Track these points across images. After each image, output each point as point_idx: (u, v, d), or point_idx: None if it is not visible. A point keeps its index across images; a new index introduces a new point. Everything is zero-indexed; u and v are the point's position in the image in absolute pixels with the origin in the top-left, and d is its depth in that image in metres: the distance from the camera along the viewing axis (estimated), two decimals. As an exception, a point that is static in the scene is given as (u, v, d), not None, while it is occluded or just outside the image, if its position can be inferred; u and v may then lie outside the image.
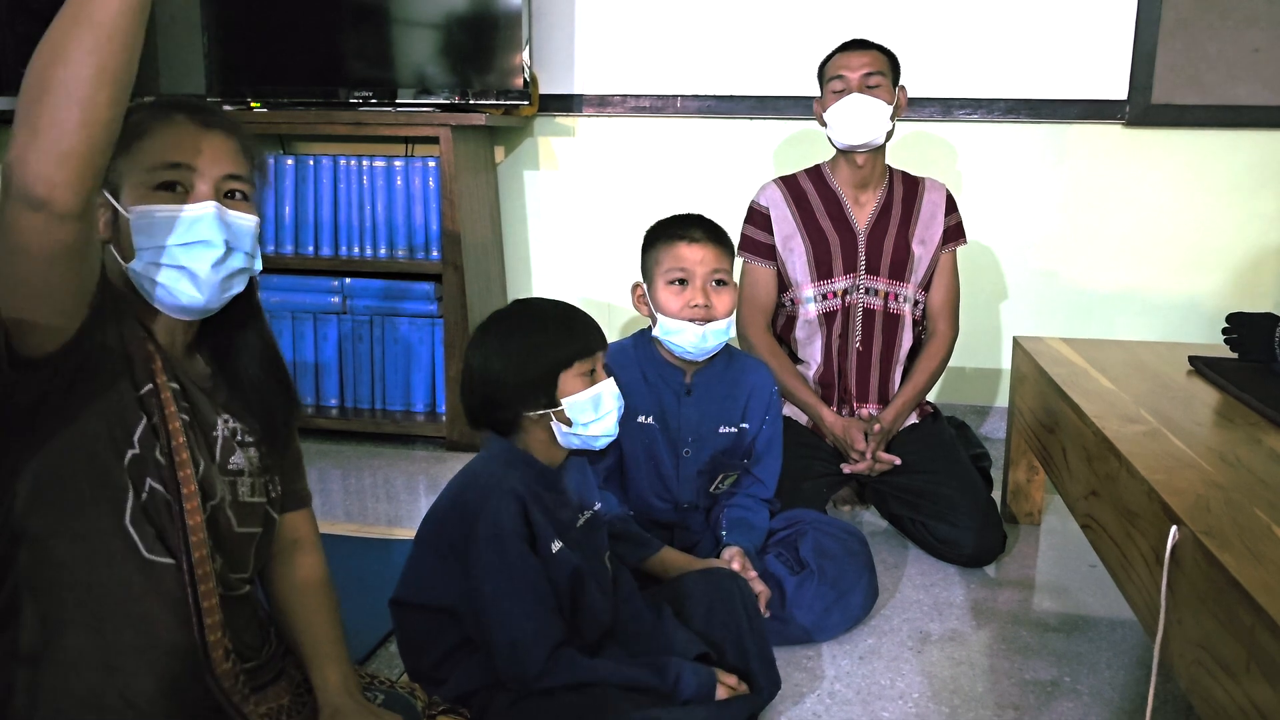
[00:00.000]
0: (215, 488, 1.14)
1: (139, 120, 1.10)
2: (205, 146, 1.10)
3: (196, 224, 1.08)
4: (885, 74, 2.24)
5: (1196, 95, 2.79)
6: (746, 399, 1.94)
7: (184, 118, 1.11)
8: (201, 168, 1.10)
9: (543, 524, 1.41)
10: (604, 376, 1.48)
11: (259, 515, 1.21)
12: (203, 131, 1.11)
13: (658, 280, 1.84)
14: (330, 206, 2.95)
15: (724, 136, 3.04)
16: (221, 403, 1.18)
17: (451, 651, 1.45)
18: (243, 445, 1.19)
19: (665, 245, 1.84)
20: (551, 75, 3.07)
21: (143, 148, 1.09)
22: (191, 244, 1.08)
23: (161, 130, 1.10)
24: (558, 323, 1.47)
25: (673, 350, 1.86)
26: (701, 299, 1.80)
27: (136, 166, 1.09)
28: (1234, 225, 2.87)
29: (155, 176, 1.08)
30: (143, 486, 1.06)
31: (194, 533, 1.08)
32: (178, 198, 1.09)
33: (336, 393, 3.04)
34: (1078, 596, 2.06)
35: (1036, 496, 2.43)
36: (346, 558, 2.12)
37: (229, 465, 1.17)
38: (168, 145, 1.09)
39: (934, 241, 2.35)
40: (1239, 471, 1.45)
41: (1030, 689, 1.71)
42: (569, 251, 3.19)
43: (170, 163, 1.09)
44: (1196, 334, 2.87)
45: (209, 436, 1.15)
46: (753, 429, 1.95)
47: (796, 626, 1.80)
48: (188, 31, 3.11)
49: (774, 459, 1.97)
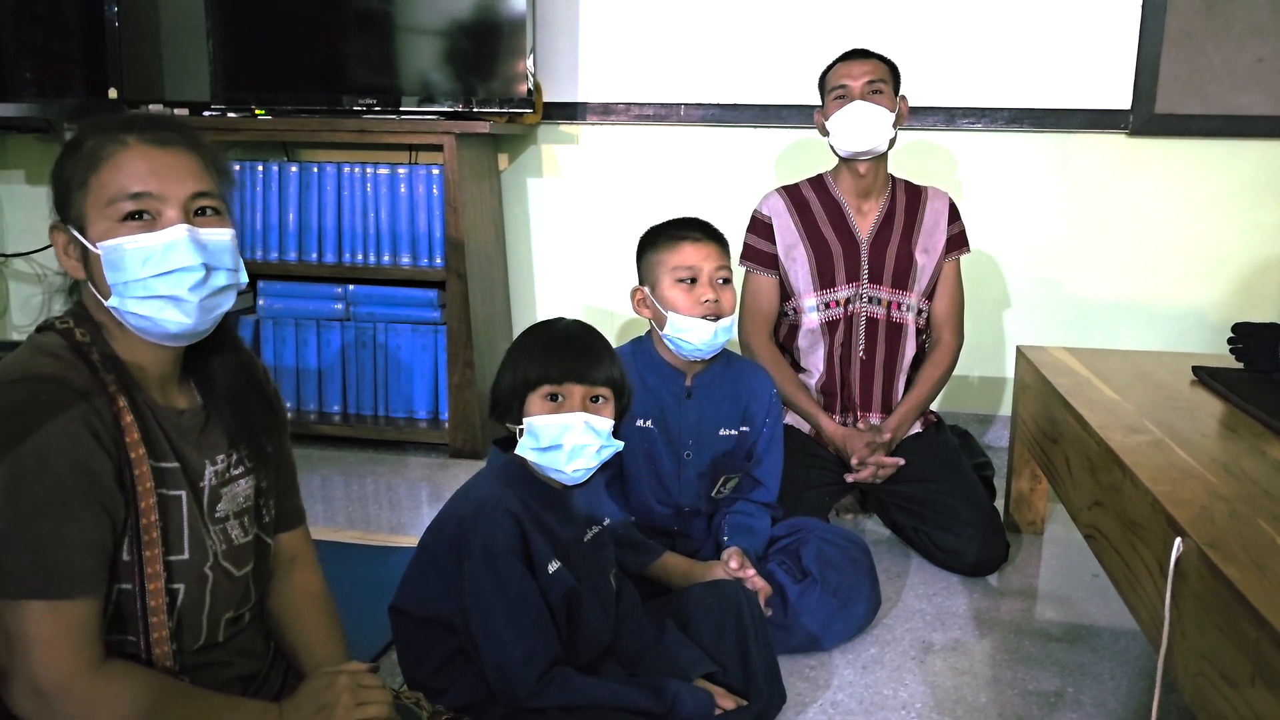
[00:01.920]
0: (206, 549, 1.11)
1: (91, 149, 1.05)
2: (165, 169, 1.05)
3: (170, 251, 1.04)
4: (887, 82, 2.25)
5: (1200, 105, 2.79)
6: (747, 401, 1.94)
7: (135, 139, 1.05)
8: (165, 192, 1.04)
9: (540, 545, 1.40)
10: (574, 408, 1.39)
11: (252, 551, 1.20)
12: (159, 152, 1.05)
13: (663, 280, 1.84)
14: (334, 213, 2.95)
15: (727, 145, 3.05)
16: (210, 441, 1.15)
17: (448, 662, 1.44)
18: (233, 480, 1.17)
19: (669, 246, 1.85)
20: (555, 83, 3.08)
21: (100, 181, 1.04)
22: (169, 273, 1.04)
23: (116, 158, 1.04)
24: (549, 343, 1.43)
25: (680, 350, 1.86)
26: (712, 294, 1.81)
27: (98, 201, 1.04)
28: (1237, 235, 2.87)
29: (119, 209, 1.03)
30: (110, 595, 1.04)
31: (154, 614, 1.06)
32: (146, 225, 1.04)
33: (339, 399, 3.04)
34: (1081, 606, 2.06)
35: (1039, 506, 2.42)
36: (349, 565, 2.12)
37: (216, 514, 1.15)
38: (126, 174, 1.04)
39: (937, 250, 2.35)
40: (1243, 483, 1.44)
41: (1033, 700, 1.70)
42: (572, 259, 3.20)
43: (131, 193, 1.04)
44: (1200, 344, 2.87)
45: (195, 489, 1.12)
46: (753, 432, 1.95)
47: (800, 634, 1.80)
48: (192, 39, 3.12)
49: (775, 462, 1.97)
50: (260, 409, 1.21)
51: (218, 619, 1.14)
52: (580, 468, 1.40)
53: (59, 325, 1.08)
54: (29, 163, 3.48)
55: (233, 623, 1.17)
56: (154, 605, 1.05)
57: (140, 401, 1.08)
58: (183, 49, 3.19)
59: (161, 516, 1.06)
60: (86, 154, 1.05)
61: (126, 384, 1.07)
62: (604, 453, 1.42)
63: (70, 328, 1.07)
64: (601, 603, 1.49)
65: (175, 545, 1.08)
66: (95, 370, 1.04)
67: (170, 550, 1.07)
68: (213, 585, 1.12)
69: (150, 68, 3.21)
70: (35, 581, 0.97)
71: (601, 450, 1.41)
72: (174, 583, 1.08)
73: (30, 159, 3.47)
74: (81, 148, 1.06)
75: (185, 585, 1.09)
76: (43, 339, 1.07)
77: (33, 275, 3.49)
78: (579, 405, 1.39)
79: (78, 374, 1.03)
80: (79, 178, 1.05)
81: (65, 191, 1.07)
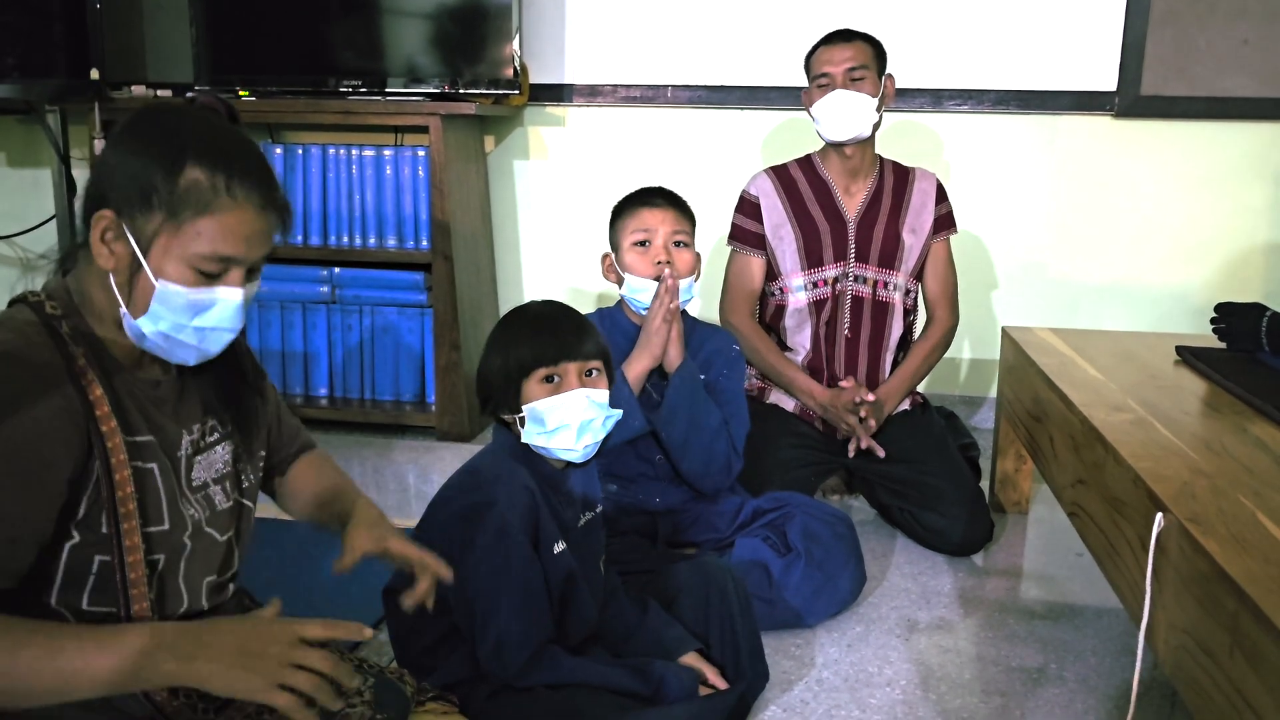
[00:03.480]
0: (185, 519, 1.11)
1: (200, 190, 1.00)
2: (256, 234, 1.05)
3: (225, 311, 1.05)
4: (869, 66, 2.25)
5: (1186, 87, 2.80)
6: (708, 356, 1.99)
7: (244, 196, 1.02)
8: (246, 257, 1.05)
9: (549, 525, 1.41)
10: (573, 386, 1.40)
11: (234, 516, 1.20)
12: (257, 215, 1.04)
13: (624, 243, 1.92)
14: (319, 196, 2.94)
15: (714, 127, 3.04)
16: (187, 410, 1.15)
17: (440, 642, 1.45)
18: (209, 447, 1.17)
19: (629, 212, 1.94)
20: (542, 65, 3.06)
21: (198, 229, 1.01)
22: (213, 329, 1.05)
23: (223, 215, 1.01)
24: (532, 326, 1.43)
25: (637, 308, 1.93)
26: (664, 256, 1.88)
27: (184, 246, 1.01)
28: (1222, 217, 2.88)
29: (204, 265, 1.02)
30: (90, 568, 1.03)
31: (135, 585, 1.05)
32: (211, 280, 1.04)
33: (326, 382, 3.03)
34: (1064, 585, 2.08)
35: (1024, 486, 2.44)
36: (337, 546, 2.11)
37: (194, 482, 1.14)
38: (228, 235, 1.02)
39: (924, 230, 2.36)
40: (1225, 459, 1.46)
41: (1017, 676, 1.72)
42: (559, 241, 3.19)
43: (223, 256, 1.03)
44: (1184, 325, 2.88)
45: (173, 459, 1.11)
46: (711, 376, 1.98)
47: (784, 609, 1.81)
48: (175, 20, 3.09)
49: (735, 401, 1.98)
50: (234, 373, 1.20)
51: (198, 585, 1.13)
52: (590, 442, 1.42)
53: (30, 299, 1.06)
54: (10, 145, 3.45)
55: (216, 590, 1.16)
56: (134, 578, 1.04)
57: (113, 375, 1.07)
58: (165, 30, 3.16)
59: (138, 489, 1.05)
60: (195, 193, 1.01)
61: (99, 358, 1.06)
62: (608, 423, 1.44)
63: (41, 301, 1.05)
64: (591, 587, 1.50)
65: (154, 517, 1.07)
66: (64, 345, 1.03)
67: (149, 522, 1.07)
68: (192, 553, 1.12)
69: (132, 49, 3.19)
70: None
71: (606, 420, 1.43)
72: (154, 554, 1.07)
73: (11, 141, 3.44)
74: (182, 174, 1.01)
75: (165, 555, 1.09)
76: (11, 312, 1.06)
77: (14, 259, 3.47)
78: (576, 382, 1.41)
79: (38, 350, 1.01)
80: (173, 208, 1.01)
81: (144, 200, 1.01)
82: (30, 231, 3.36)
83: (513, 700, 1.37)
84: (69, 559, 1.02)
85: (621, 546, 1.80)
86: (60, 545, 1.02)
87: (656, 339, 1.86)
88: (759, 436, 2.09)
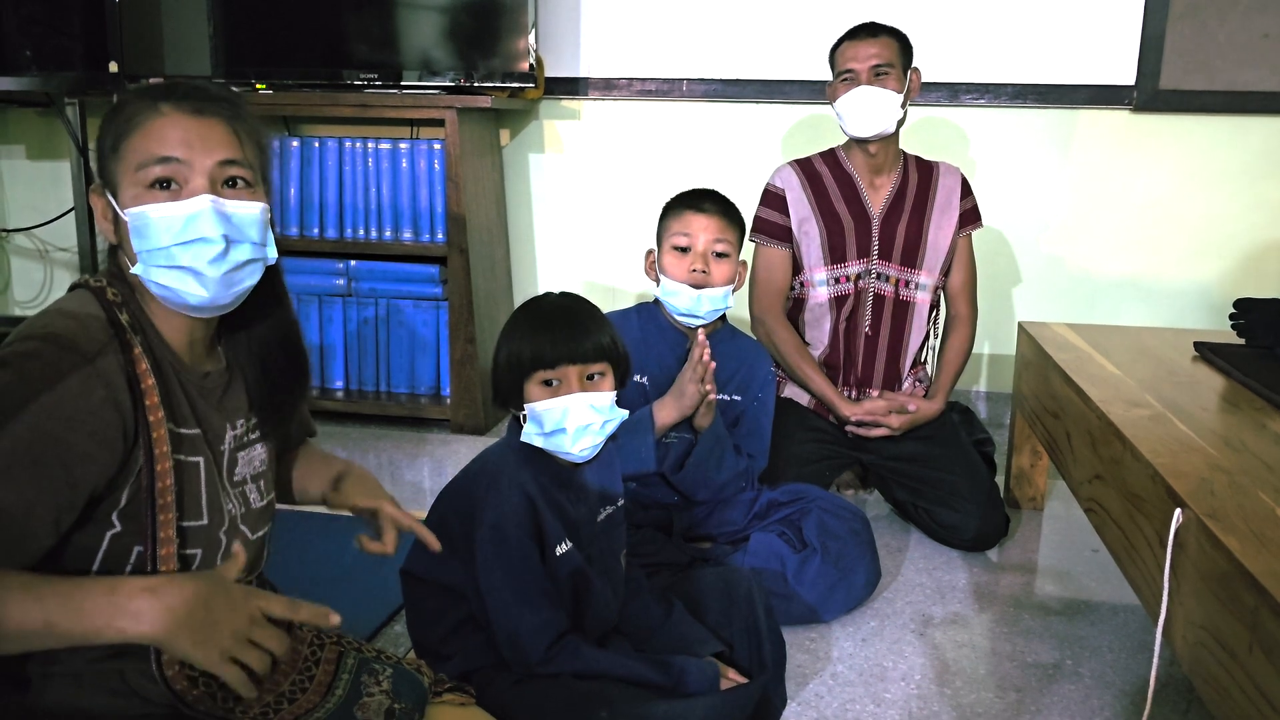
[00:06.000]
0: (224, 514, 1.11)
1: (128, 115, 1.04)
2: (196, 137, 1.04)
3: (192, 221, 1.03)
4: (894, 63, 2.23)
5: (1205, 81, 2.78)
6: (744, 373, 1.98)
7: (171, 107, 1.04)
8: (193, 159, 1.04)
9: (551, 524, 1.40)
10: (573, 389, 1.37)
11: (268, 515, 1.21)
12: (193, 120, 1.04)
13: (665, 245, 1.93)
14: (335, 189, 2.95)
15: (730, 121, 3.03)
16: (233, 404, 1.15)
17: (457, 628, 1.45)
18: (250, 444, 1.18)
19: (676, 214, 1.94)
20: (557, 58, 3.07)
21: (132, 146, 1.04)
22: (190, 242, 1.03)
23: (149, 124, 1.03)
24: (538, 324, 1.40)
25: (672, 311, 1.94)
26: (700, 265, 1.88)
27: (128, 166, 1.04)
28: (1241, 212, 2.86)
29: (146, 175, 1.03)
30: (128, 558, 1.03)
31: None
32: (172, 195, 1.03)
33: (342, 375, 3.04)
34: (1080, 581, 2.07)
35: (1040, 482, 2.43)
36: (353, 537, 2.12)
37: (235, 477, 1.15)
38: (155, 140, 1.03)
39: (951, 226, 2.34)
40: (1243, 455, 1.45)
41: (1032, 671, 1.71)
42: (574, 234, 3.19)
43: (159, 157, 1.03)
44: (1202, 320, 2.87)
45: (216, 452, 1.11)
46: (744, 401, 1.98)
47: (800, 604, 1.81)
48: (193, 13, 3.10)
49: (761, 436, 2.00)
50: (285, 377, 1.21)
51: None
52: (588, 445, 1.39)
53: (93, 284, 1.07)
54: (29, 137, 3.47)
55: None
56: (165, 571, 1.04)
57: (166, 364, 1.07)
58: (183, 23, 3.18)
59: (178, 482, 1.05)
60: (123, 119, 1.04)
61: (153, 346, 1.06)
62: (608, 427, 1.41)
63: (103, 286, 1.06)
64: (611, 583, 1.49)
65: (192, 511, 1.07)
66: (122, 331, 1.03)
67: (186, 516, 1.06)
68: (227, 549, 1.12)
69: (150, 41, 3.20)
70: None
71: (606, 425, 1.40)
72: (189, 548, 1.07)
73: (31, 134, 3.47)
74: (120, 113, 1.05)
75: (202, 551, 1.09)
76: (72, 296, 1.06)
77: (34, 250, 3.49)
78: (576, 386, 1.38)
79: (92, 337, 1.01)
80: (113, 142, 1.04)
81: (101, 155, 1.07)
82: (50, 223, 3.39)
83: (537, 687, 1.37)
84: (109, 547, 1.02)
85: (638, 539, 1.80)
86: (102, 534, 1.02)
87: (689, 401, 1.81)
88: (774, 431, 2.09)
